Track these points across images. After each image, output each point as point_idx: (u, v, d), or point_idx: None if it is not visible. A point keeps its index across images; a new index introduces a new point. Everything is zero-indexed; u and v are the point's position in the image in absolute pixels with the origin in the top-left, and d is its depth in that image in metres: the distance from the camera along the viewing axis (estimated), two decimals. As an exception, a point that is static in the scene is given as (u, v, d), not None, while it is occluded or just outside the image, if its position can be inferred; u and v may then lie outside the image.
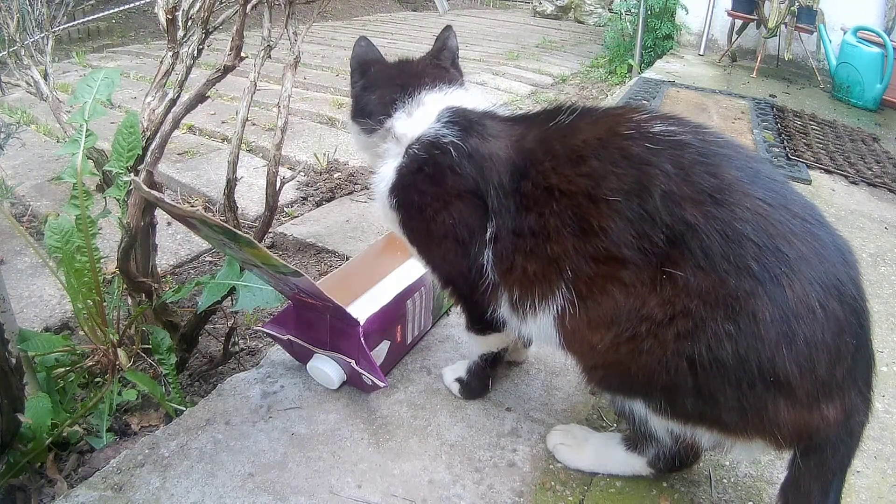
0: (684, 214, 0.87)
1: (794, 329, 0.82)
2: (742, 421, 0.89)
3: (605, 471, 1.16)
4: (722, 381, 0.86)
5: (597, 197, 0.93)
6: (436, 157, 1.06)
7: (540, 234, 0.98)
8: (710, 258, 0.85)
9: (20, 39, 1.62)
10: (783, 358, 0.83)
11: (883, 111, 4.37)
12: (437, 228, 1.08)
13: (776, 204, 0.87)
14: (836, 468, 0.91)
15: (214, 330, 1.70)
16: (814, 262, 0.84)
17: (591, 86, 4.80)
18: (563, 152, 0.99)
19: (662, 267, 0.88)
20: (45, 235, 1.30)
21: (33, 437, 1.15)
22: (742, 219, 0.85)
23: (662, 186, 0.89)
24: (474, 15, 8.98)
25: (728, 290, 0.84)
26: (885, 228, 2.44)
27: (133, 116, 1.30)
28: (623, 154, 0.94)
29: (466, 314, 1.21)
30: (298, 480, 1.11)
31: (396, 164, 1.11)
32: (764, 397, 0.85)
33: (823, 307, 0.83)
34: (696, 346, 0.86)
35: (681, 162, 0.90)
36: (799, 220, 0.87)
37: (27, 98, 3.19)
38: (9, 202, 2.23)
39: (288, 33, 1.46)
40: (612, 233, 0.91)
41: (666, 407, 0.95)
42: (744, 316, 0.83)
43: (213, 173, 2.61)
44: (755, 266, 0.83)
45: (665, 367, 0.89)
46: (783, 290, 0.83)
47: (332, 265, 1.98)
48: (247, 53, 1.30)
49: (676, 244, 0.88)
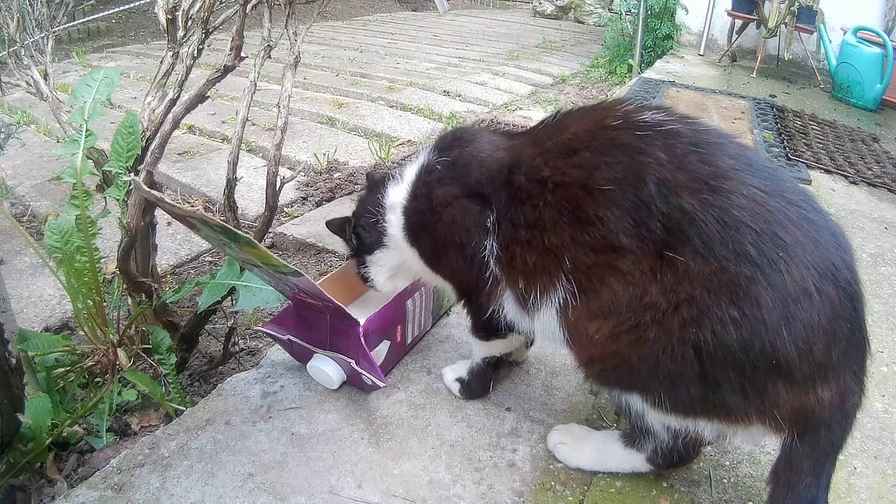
0: (680, 202, 0.88)
1: (792, 313, 0.83)
2: (744, 404, 0.90)
3: (604, 469, 1.16)
4: (727, 366, 0.87)
5: (590, 187, 0.94)
6: (434, 175, 1.12)
7: (536, 225, 0.99)
8: (708, 245, 0.86)
9: (20, 39, 1.62)
10: (783, 341, 0.84)
11: (883, 111, 4.37)
12: (440, 236, 1.12)
13: (771, 191, 0.88)
14: (829, 449, 0.91)
15: (214, 330, 1.70)
16: (809, 247, 0.85)
17: (591, 86, 4.80)
18: (553, 147, 1.00)
19: (662, 253, 0.89)
20: (45, 235, 1.30)
21: (33, 437, 1.15)
22: (738, 206, 0.86)
23: (657, 174, 0.89)
24: (474, 15, 8.98)
25: (729, 276, 0.85)
26: (885, 228, 2.44)
27: (132, 116, 1.30)
28: (613, 144, 0.94)
29: (472, 320, 1.22)
30: (298, 480, 1.11)
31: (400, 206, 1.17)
32: (765, 380, 0.86)
33: (819, 291, 0.84)
34: (703, 332, 0.86)
35: (674, 150, 0.91)
36: (794, 207, 0.88)
37: (27, 98, 3.19)
38: (9, 202, 2.23)
39: (288, 33, 1.46)
40: (608, 221, 0.92)
41: (665, 400, 0.95)
42: (747, 301, 0.84)
43: (213, 173, 2.61)
44: (753, 252, 0.84)
45: (671, 355, 0.89)
46: (782, 275, 0.83)
47: (332, 265, 1.98)
48: (247, 53, 1.30)
49: (674, 232, 0.88)
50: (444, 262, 1.16)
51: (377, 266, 1.27)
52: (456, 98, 4.08)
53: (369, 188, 1.30)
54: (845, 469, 1.23)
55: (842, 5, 4.85)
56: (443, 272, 1.19)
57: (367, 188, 1.31)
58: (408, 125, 3.41)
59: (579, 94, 4.50)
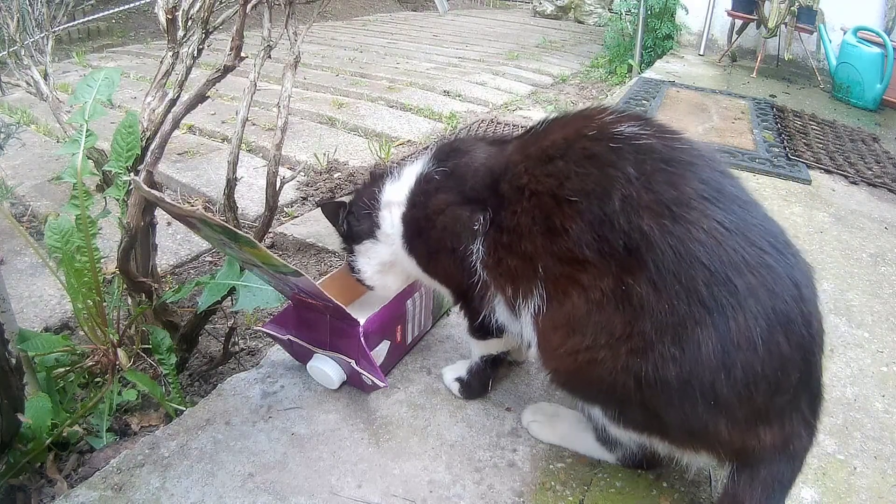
0: (641, 223, 0.88)
1: (733, 359, 0.85)
2: (688, 436, 0.94)
3: (573, 448, 1.20)
4: (666, 399, 0.89)
5: (560, 197, 0.94)
6: (424, 189, 1.15)
7: (515, 231, 1.01)
8: (662, 275, 0.86)
9: (20, 39, 1.62)
10: (722, 384, 0.86)
11: (883, 111, 4.37)
12: (434, 243, 1.14)
13: (734, 228, 0.86)
14: (775, 485, 0.94)
15: (214, 330, 1.70)
16: (762, 296, 0.85)
17: (591, 86, 4.80)
18: (535, 153, 1.02)
19: (621, 274, 0.89)
20: (45, 235, 1.30)
21: (33, 437, 1.15)
22: (696, 239, 0.85)
23: (623, 191, 0.89)
24: (474, 15, 8.98)
25: (678, 315, 0.86)
26: (885, 228, 2.44)
27: (132, 116, 1.30)
28: (586, 154, 0.95)
29: (468, 320, 1.23)
30: (298, 480, 1.11)
31: (399, 214, 1.18)
32: (705, 417, 0.89)
33: (766, 342, 0.85)
34: (645, 364, 0.88)
35: (643, 167, 0.90)
36: (754, 249, 0.86)
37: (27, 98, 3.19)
38: (9, 202, 2.23)
39: (288, 33, 1.46)
40: (573, 232, 0.92)
41: (620, 417, 0.99)
42: (690, 342, 0.86)
43: (213, 173, 2.61)
44: (704, 291, 0.85)
45: (615, 380, 0.92)
46: (727, 322, 0.84)
47: (332, 265, 1.98)
48: (247, 53, 1.30)
49: (633, 253, 0.88)
50: (438, 267, 1.18)
51: (365, 257, 1.28)
52: (456, 98, 4.08)
53: (368, 182, 1.32)
54: (845, 469, 1.23)
55: (842, 5, 4.85)
56: (438, 277, 1.21)
57: (367, 181, 1.33)
58: (408, 125, 3.41)
59: (579, 94, 4.50)
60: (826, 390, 1.21)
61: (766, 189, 2.64)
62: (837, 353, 1.60)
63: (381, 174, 1.28)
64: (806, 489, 1.17)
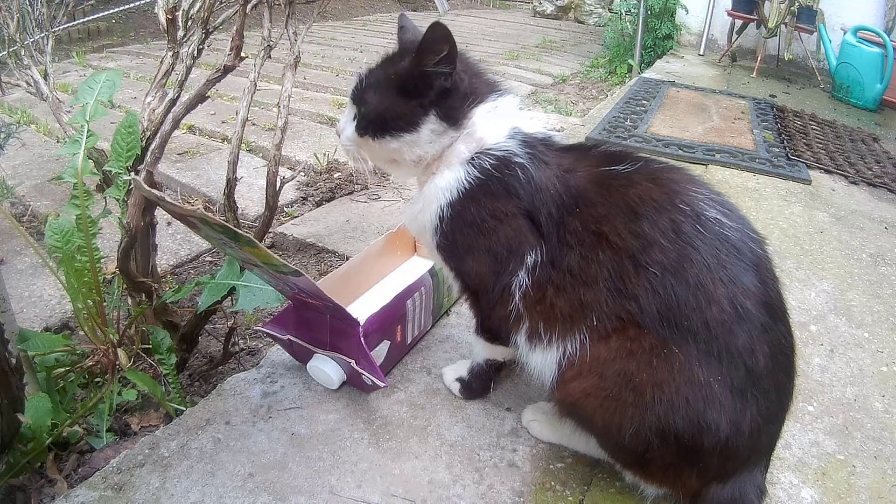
0: (705, 315, 0.91)
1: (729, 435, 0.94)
2: (661, 476, 1.04)
3: (575, 448, 1.20)
4: (669, 451, 0.98)
5: (640, 263, 0.95)
6: (505, 176, 1.03)
7: (579, 275, 0.99)
8: (708, 360, 0.92)
9: (20, 39, 1.62)
10: (712, 451, 0.95)
11: (883, 111, 4.37)
12: (482, 243, 1.05)
13: (775, 352, 0.94)
14: None
15: (214, 330, 1.70)
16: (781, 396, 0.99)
17: (591, 86, 4.80)
18: (618, 202, 0.99)
19: (664, 349, 0.93)
20: (45, 235, 1.30)
21: (33, 437, 1.15)
22: (740, 347, 0.92)
23: (698, 276, 0.92)
24: (474, 15, 8.98)
25: (710, 394, 0.93)
26: (885, 228, 2.44)
27: (132, 116, 1.30)
28: (674, 228, 0.95)
29: (478, 320, 1.21)
30: (298, 480, 1.11)
31: (461, 175, 1.05)
32: (683, 465, 0.99)
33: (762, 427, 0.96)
34: (658, 421, 0.94)
35: (720, 257, 0.93)
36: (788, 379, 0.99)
37: (27, 98, 3.19)
38: (9, 202, 2.23)
39: (288, 33, 1.46)
40: (641, 301, 0.94)
41: (612, 452, 1.06)
42: (710, 419, 0.94)
43: (213, 173, 2.61)
44: (737, 384, 0.93)
45: (630, 430, 0.96)
46: (745, 411, 0.94)
47: (332, 265, 1.98)
48: (247, 53, 1.30)
49: (682, 333, 0.92)
50: (466, 264, 1.10)
51: (412, 146, 1.06)
52: (456, 98, 4.07)
53: (470, 72, 1.09)
54: (845, 469, 1.23)
55: (842, 5, 4.85)
56: (461, 271, 1.12)
57: (467, 73, 1.07)
58: (408, 125, 3.40)
59: (579, 94, 4.50)
60: (826, 390, 1.21)
61: (766, 189, 2.64)
62: (837, 353, 1.60)
63: (485, 78, 1.10)
64: (806, 489, 1.17)
